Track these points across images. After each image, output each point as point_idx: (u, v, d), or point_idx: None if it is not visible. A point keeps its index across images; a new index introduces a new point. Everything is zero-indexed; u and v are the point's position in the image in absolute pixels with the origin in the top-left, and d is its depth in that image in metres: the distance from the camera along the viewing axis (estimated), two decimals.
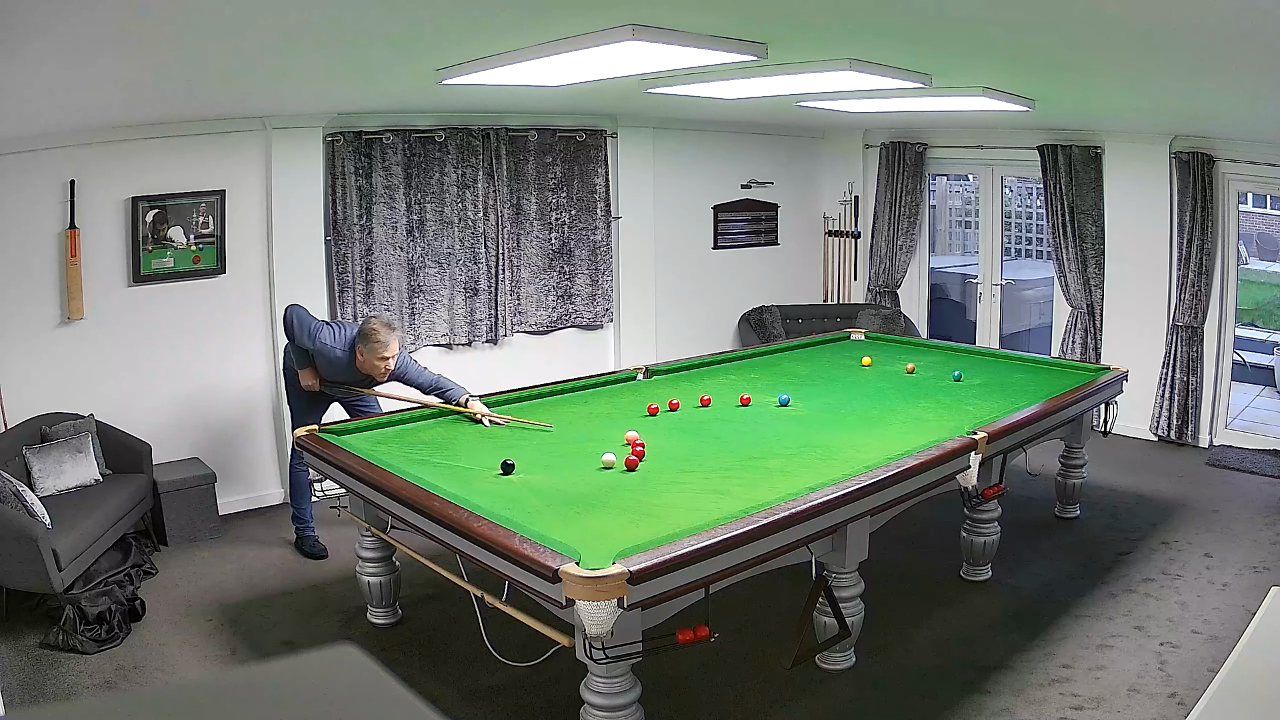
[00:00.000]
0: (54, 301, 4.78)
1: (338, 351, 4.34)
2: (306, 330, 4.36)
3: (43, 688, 3.51)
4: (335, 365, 4.38)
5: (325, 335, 4.35)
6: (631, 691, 2.76)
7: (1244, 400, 6.95)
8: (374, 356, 4.20)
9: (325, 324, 4.43)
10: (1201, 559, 4.56)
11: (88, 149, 4.76)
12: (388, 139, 5.70)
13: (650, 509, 3.08)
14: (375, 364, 4.23)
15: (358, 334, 4.28)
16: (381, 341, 4.18)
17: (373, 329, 4.22)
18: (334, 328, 4.42)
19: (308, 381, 4.47)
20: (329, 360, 4.37)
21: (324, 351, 4.35)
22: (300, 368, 4.46)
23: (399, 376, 4.35)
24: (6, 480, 3.97)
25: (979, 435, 3.82)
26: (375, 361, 4.21)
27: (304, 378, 4.46)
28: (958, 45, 3.63)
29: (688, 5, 2.89)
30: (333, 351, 4.34)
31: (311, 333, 4.35)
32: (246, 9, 2.75)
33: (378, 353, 4.19)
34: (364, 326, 4.27)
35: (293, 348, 4.47)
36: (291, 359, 4.58)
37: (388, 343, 4.19)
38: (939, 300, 8.20)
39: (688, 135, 7.05)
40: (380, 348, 4.18)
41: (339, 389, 4.58)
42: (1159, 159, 6.31)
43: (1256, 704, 1.65)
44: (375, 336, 4.19)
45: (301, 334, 4.36)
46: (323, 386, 4.53)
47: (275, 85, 4.41)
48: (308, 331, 4.35)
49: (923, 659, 3.66)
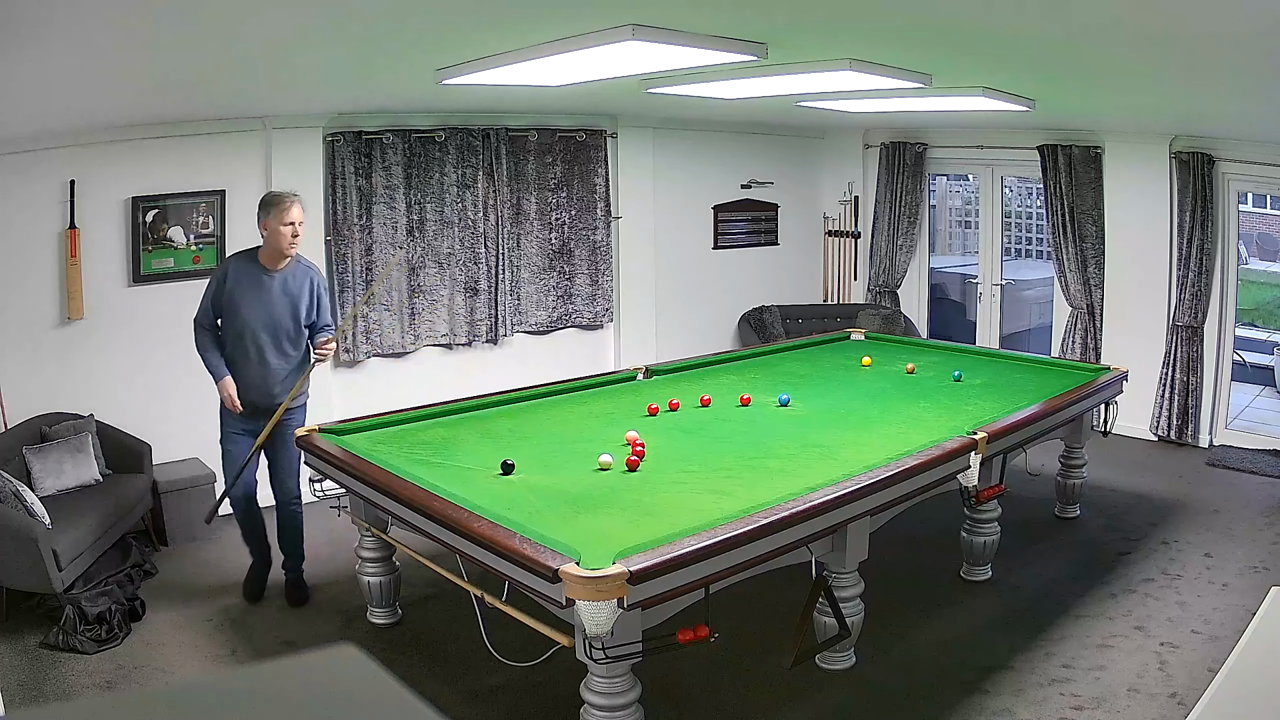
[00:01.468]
0: (54, 301, 4.78)
1: (240, 274, 4.01)
2: (203, 305, 4.06)
3: (43, 688, 3.51)
4: (246, 298, 4.01)
5: (216, 278, 4.08)
6: (631, 691, 2.76)
7: (1244, 400, 6.95)
8: (279, 223, 3.94)
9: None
10: (1201, 559, 4.56)
11: (88, 149, 4.76)
12: (388, 139, 5.70)
13: (650, 509, 3.08)
14: (280, 231, 3.95)
15: (259, 205, 4.04)
16: (284, 203, 3.94)
17: (273, 194, 4.02)
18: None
19: (227, 392, 4.05)
20: (240, 300, 4.00)
21: (231, 292, 3.99)
22: (218, 377, 4.07)
23: (316, 298, 4.16)
24: (6, 480, 3.97)
25: (979, 435, 3.82)
26: (280, 228, 3.95)
27: (224, 389, 4.05)
28: (958, 45, 3.63)
29: (688, 5, 2.89)
30: (237, 282, 4.00)
31: (208, 295, 4.05)
32: (246, 9, 2.75)
33: (282, 218, 3.93)
34: (264, 197, 4.05)
35: (205, 348, 4.08)
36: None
37: (290, 205, 3.95)
38: (939, 300, 8.20)
39: (688, 135, 7.05)
40: (284, 211, 3.93)
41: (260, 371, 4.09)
42: (1159, 159, 6.31)
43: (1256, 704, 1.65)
44: (276, 200, 3.96)
45: (201, 314, 4.07)
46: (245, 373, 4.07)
47: (275, 85, 4.41)
48: (206, 299, 4.06)
49: (923, 659, 3.66)
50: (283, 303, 4.06)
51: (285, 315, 4.08)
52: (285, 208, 3.94)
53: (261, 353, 4.07)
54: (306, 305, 4.13)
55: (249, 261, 4.05)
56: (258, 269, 4.03)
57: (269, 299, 4.03)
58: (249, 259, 4.06)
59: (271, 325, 4.06)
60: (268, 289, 4.03)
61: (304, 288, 4.12)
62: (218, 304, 4.04)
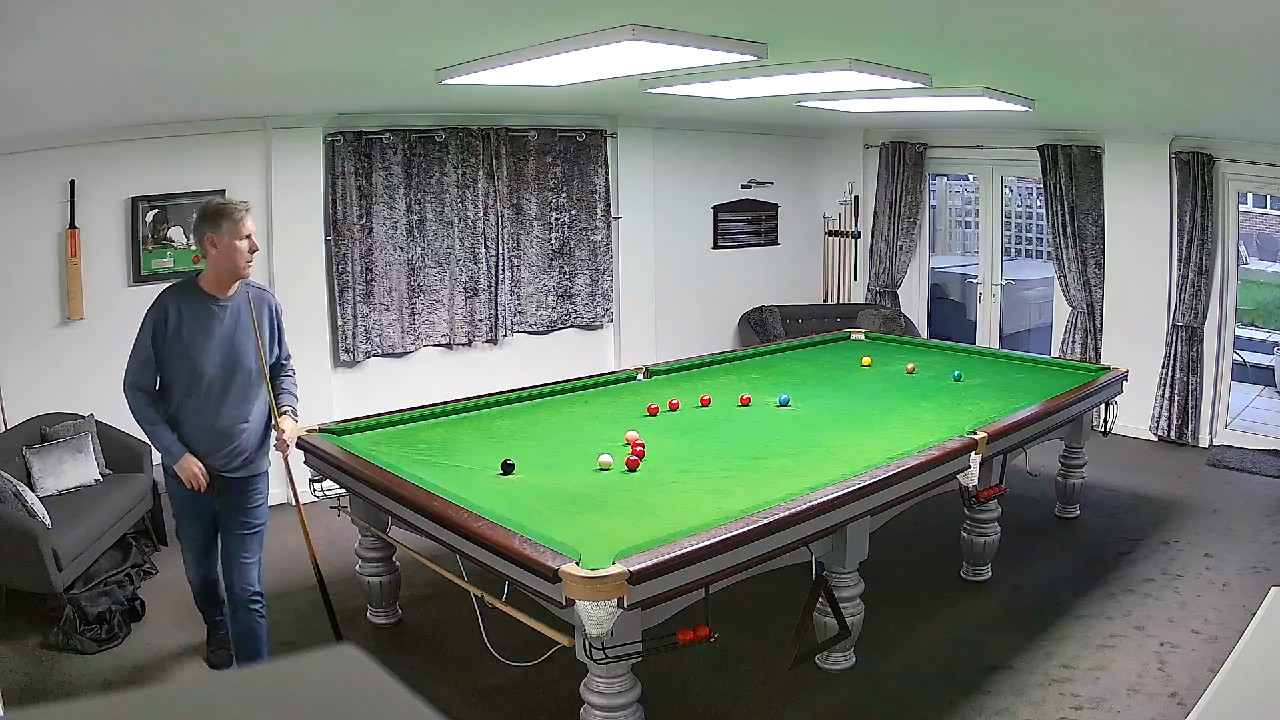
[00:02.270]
0: (54, 301, 4.78)
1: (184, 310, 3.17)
2: (133, 362, 3.20)
3: (43, 688, 3.51)
4: (196, 338, 3.17)
5: (152, 321, 3.18)
6: (631, 691, 2.76)
7: (1244, 400, 6.95)
8: (234, 237, 3.13)
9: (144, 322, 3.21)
10: (1201, 559, 4.56)
11: (88, 149, 4.76)
12: (388, 139, 5.70)
13: (650, 509, 3.08)
14: (237, 247, 3.14)
15: (200, 219, 3.19)
16: (238, 213, 3.16)
17: (219, 203, 3.22)
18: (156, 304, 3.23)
19: (191, 470, 3.22)
20: (190, 342, 3.17)
21: (177, 335, 3.16)
22: (176, 456, 3.22)
23: (278, 327, 3.43)
24: (6, 480, 3.97)
25: (979, 435, 3.82)
26: (237, 243, 3.14)
27: (187, 469, 3.22)
28: (958, 45, 3.63)
29: (688, 5, 2.89)
30: (183, 321, 3.16)
31: (141, 348, 3.18)
32: (246, 9, 2.75)
33: (239, 230, 3.14)
34: (204, 208, 3.21)
35: (152, 420, 3.23)
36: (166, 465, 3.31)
37: (246, 214, 3.19)
38: (939, 300, 8.20)
39: (688, 135, 7.05)
40: (239, 223, 3.15)
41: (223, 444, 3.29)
42: (1159, 159, 6.31)
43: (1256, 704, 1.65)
44: (227, 210, 3.16)
45: (134, 375, 3.19)
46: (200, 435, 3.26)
47: (275, 85, 4.41)
48: (139, 354, 3.19)
49: (923, 659, 3.66)
50: (242, 338, 3.27)
51: (247, 353, 3.28)
52: (240, 218, 3.16)
53: (220, 405, 3.26)
54: (268, 337, 3.38)
55: (191, 293, 3.21)
56: (205, 300, 3.21)
57: (226, 335, 3.23)
58: (189, 290, 3.22)
59: (231, 368, 3.25)
60: (222, 323, 3.22)
61: (263, 315, 3.35)
62: (158, 354, 3.18)
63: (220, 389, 3.25)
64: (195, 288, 3.23)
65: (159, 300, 3.20)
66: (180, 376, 3.21)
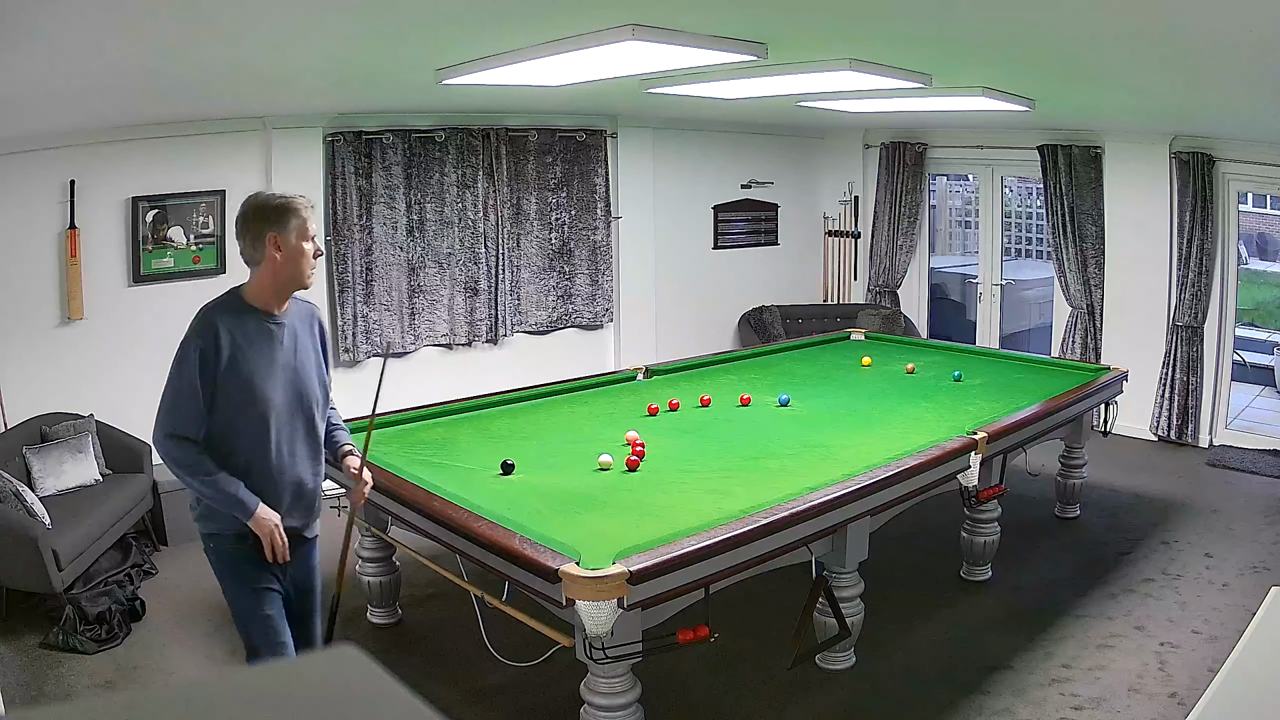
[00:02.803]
0: (54, 301, 4.78)
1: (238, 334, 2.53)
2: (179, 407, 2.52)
3: (43, 688, 3.51)
4: (259, 368, 2.55)
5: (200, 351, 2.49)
6: (631, 691, 2.76)
7: (1244, 400, 6.94)
8: (300, 238, 2.56)
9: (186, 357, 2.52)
10: (1201, 559, 4.56)
11: (88, 149, 4.76)
12: (388, 139, 5.71)
13: (650, 509, 3.08)
14: (304, 250, 2.58)
15: (255, 217, 2.54)
16: (305, 212, 2.59)
17: (283, 198, 2.58)
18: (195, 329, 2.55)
19: (271, 529, 2.56)
20: (251, 373, 2.53)
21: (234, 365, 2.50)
22: (251, 507, 2.53)
23: (324, 342, 2.85)
24: (6, 480, 3.97)
25: (979, 435, 3.82)
26: (304, 246, 2.58)
27: (264, 525, 2.55)
28: (958, 45, 3.63)
29: (688, 5, 2.89)
30: (238, 347, 2.52)
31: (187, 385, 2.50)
32: (246, 9, 2.75)
33: (305, 230, 2.58)
34: (261, 203, 2.56)
35: (206, 469, 2.51)
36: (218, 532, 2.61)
37: (310, 214, 2.62)
38: (939, 300, 8.20)
39: (688, 135, 7.05)
40: (306, 224, 2.58)
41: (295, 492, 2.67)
42: (1159, 159, 6.31)
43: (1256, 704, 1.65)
44: (293, 206, 2.57)
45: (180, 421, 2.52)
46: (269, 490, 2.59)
47: (275, 85, 4.41)
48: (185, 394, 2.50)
49: (923, 659, 3.66)
50: (303, 363, 2.69)
51: (312, 382, 2.72)
52: (308, 216, 2.60)
53: (293, 449, 2.65)
54: (325, 361, 2.85)
55: (241, 312, 2.57)
56: (259, 319, 2.58)
57: (288, 362, 2.62)
58: (237, 308, 2.57)
59: (297, 402, 2.66)
60: (282, 346, 2.61)
61: (315, 334, 2.79)
62: (208, 391, 2.49)
63: (290, 429, 2.62)
64: (244, 304, 2.58)
65: (204, 321, 2.52)
66: (240, 418, 2.52)
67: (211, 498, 2.54)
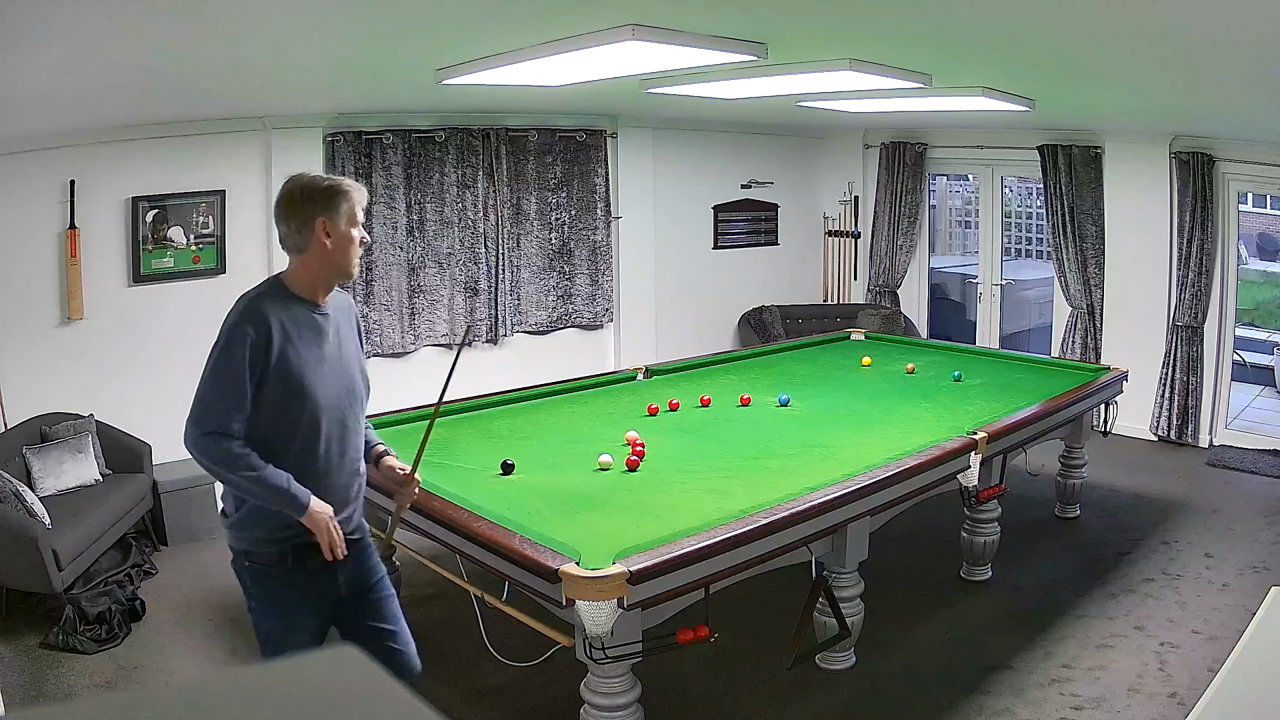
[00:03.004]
0: (54, 301, 4.78)
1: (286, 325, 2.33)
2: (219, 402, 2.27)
3: (43, 688, 3.51)
4: (308, 362, 2.35)
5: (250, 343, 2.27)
6: (631, 691, 2.76)
7: (1244, 400, 6.94)
8: (350, 224, 2.38)
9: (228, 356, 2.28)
10: (1201, 559, 4.56)
11: (88, 149, 4.76)
12: (388, 139, 5.71)
13: (650, 509, 3.08)
14: (353, 238, 2.39)
15: (303, 199, 2.34)
16: (357, 196, 2.41)
17: (333, 181, 2.39)
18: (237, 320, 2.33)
19: (328, 526, 2.35)
20: (301, 367, 2.33)
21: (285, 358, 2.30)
22: (301, 505, 2.31)
23: (362, 335, 2.66)
24: (6, 480, 3.97)
25: (979, 435, 3.82)
26: (354, 233, 2.39)
27: (320, 522, 2.33)
28: (958, 45, 3.63)
29: (688, 5, 2.89)
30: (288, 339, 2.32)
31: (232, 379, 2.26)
32: (246, 9, 2.75)
33: (355, 215, 2.39)
34: (309, 185, 2.36)
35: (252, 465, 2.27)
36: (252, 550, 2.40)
37: (360, 195, 2.42)
38: (939, 300, 8.20)
39: (688, 135, 7.06)
40: (355, 209, 2.40)
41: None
42: (1159, 159, 6.31)
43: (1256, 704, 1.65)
44: (344, 189, 2.38)
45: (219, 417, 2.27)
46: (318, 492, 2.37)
47: (275, 85, 4.41)
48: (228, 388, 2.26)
49: (923, 659, 3.66)
50: (349, 357, 2.51)
51: (357, 377, 2.54)
52: (359, 200, 2.41)
53: (342, 450, 2.47)
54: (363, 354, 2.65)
55: (288, 301, 2.38)
56: (306, 309, 2.40)
57: (334, 355, 2.44)
58: (283, 297, 2.38)
59: (345, 399, 2.47)
60: (329, 339, 2.43)
61: (355, 326, 2.61)
62: (255, 386, 2.29)
63: (339, 429, 2.44)
64: (287, 293, 2.39)
65: (252, 309, 2.32)
66: (287, 417, 2.33)
67: (261, 496, 2.31)
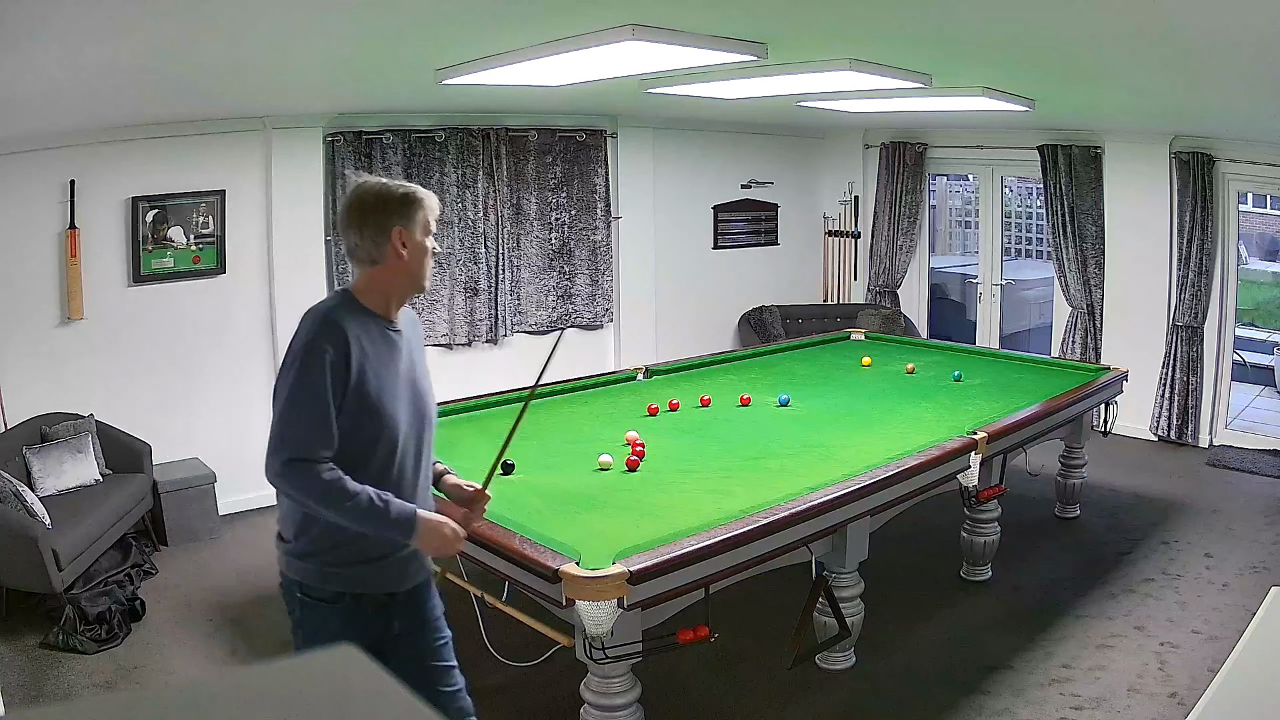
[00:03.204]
0: (54, 301, 4.78)
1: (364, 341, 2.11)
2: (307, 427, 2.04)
3: (43, 688, 3.51)
4: (386, 383, 2.15)
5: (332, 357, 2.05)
6: (631, 691, 2.76)
7: (1244, 400, 6.95)
8: (425, 234, 2.22)
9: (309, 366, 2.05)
10: (1201, 559, 4.56)
11: (88, 149, 4.76)
12: (388, 139, 5.71)
13: (650, 509, 3.08)
14: (428, 249, 2.23)
15: (378, 207, 2.15)
16: (427, 202, 2.23)
17: (407, 189, 2.21)
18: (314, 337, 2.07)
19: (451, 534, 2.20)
20: (380, 388, 2.12)
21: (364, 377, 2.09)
22: (408, 525, 2.11)
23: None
24: (6, 480, 3.97)
25: (979, 435, 3.82)
26: (428, 243, 2.24)
27: (443, 532, 2.18)
28: (958, 45, 3.63)
29: (688, 5, 2.89)
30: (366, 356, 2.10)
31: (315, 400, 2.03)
32: (246, 9, 2.75)
33: (429, 224, 2.23)
34: (383, 192, 2.17)
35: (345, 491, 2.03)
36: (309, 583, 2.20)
37: (433, 206, 2.25)
38: (939, 300, 8.20)
39: (688, 135, 7.05)
40: (431, 212, 2.23)
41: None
42: (1159, 159, 6.31)
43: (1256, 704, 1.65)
44: (418, 198, 2.20)
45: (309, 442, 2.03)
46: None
47: (275, 85, 4.41)
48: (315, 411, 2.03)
49: (923, 659, 3.66)
50: (420, 377, 2.32)
51: (430, 398, 2.34)
52: (431, 208, 2.24)
53: (415, 478, 2.27)
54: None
55: (365, 316, 2.16)
56: (379, 327, 2.19)
57: (408, 375, 2.24)
58: (358, 311, 2.16)
59: (420, 422, 2.27)
60: (403, 358, 2.23)
61: (421, 343, 2.41)
62: (330, 408, 2.05)
63: (414, 454, 2.25)
64: (360, 307, 2.17)
65: (329, 325, 2.08)
66: (363, 443, 2.11)
67: (367, 526, 2.08)
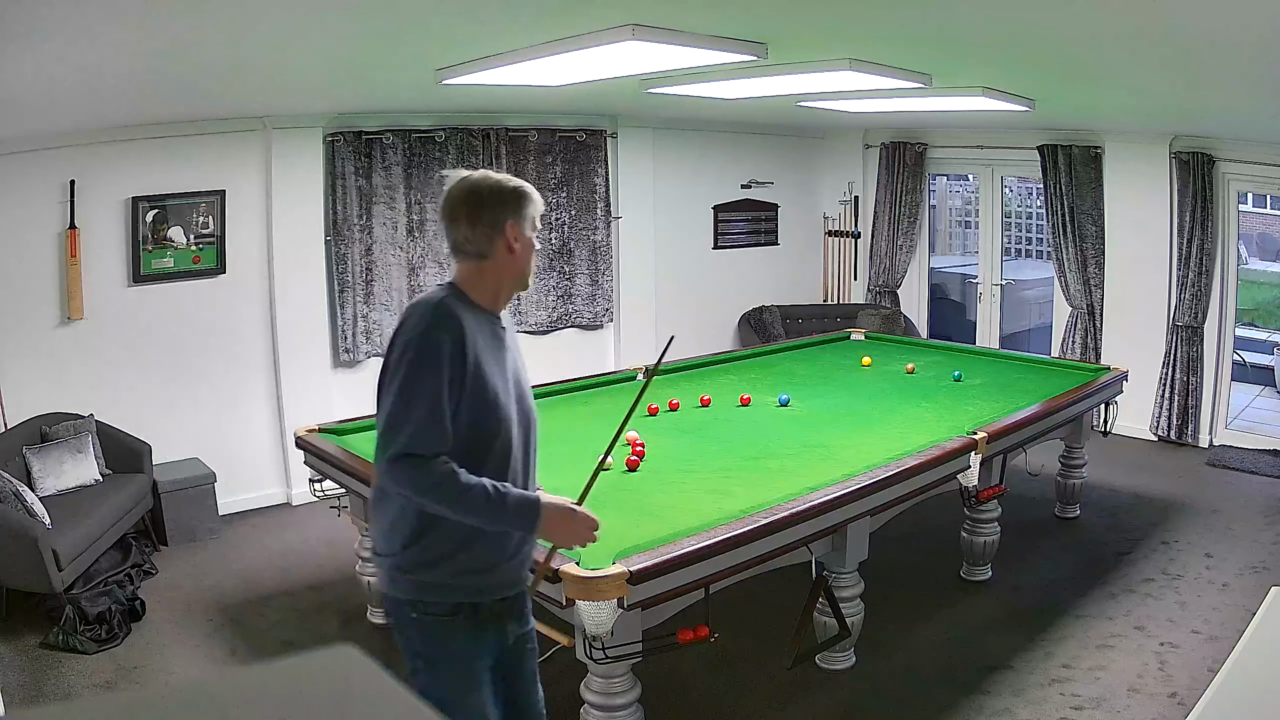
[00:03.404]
0: (54, 301, 4.78)
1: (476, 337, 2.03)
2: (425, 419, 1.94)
3: (43, 688, 3.51)
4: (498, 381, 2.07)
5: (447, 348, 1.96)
6: (631, 691, 2.76)
7: (1244, 400, 6.95)
8: (533, 228, 2.14)
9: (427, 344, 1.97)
10: (1201, 559, 4.56)
11: (88, 149, 4.76)
12: (387, 139, 5.70)
13: (650, 509, 3.08)
14: (535, 245, 2.17)
15: (491, 200, 2.07)
16: (534, 196, 2.14)
17: (517, 183, 2.12)
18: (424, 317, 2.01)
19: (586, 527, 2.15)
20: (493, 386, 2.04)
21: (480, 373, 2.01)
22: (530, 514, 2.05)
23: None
24: (6, 480, 3.97)
25: (979, 435, 3.82)
26: (535, 239, 2.16)
27: (579, 522, 2.13)
28: (958, 45, 3.63)
29: (688, 5, 2.89)
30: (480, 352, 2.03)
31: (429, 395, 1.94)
32: (247, 9, 2.75)
33: (536, 219, 2.15)
34: (495, 186, 2.09)
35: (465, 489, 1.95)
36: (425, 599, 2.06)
37: (539, 199, 2.17)
38: (939, 300, 8.20)
39: (688, 135, 7.05)
40: (538, 206, 2.15)
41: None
42: (1159, 159, 6.31)
43: (1256, 704, 1.65)
44: (526, 192, 2.12)
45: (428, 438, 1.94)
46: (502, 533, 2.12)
47: (275, 85, 4.41)
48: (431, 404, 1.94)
49: (923, 659, 3.66)
50: (525, 377, 2.25)
51: (532, 400, 2.25)
52: (538, 203, 2.15)
53: (526, 478, 2.20)
54: None
55: (475, 311, 2.09)
56: (488, 322, 2.12)
57: (515, 373, 2.18)
58: (468, 305, 2.08)
59: (526, 422, 2.19)
60: (510, 355, 2.19)
61: (518, 341, 2.31)
62: (445, 402, 1.96)
63: (524, 455, 2.17)
64: (469, 301, 2.08)
65: (445, 315, 2.00)
66: (478, 443, 2.03)
67: (485, 518, 2.00)
